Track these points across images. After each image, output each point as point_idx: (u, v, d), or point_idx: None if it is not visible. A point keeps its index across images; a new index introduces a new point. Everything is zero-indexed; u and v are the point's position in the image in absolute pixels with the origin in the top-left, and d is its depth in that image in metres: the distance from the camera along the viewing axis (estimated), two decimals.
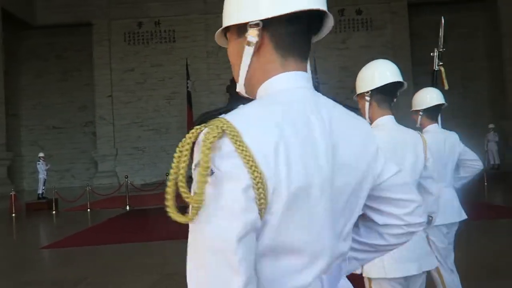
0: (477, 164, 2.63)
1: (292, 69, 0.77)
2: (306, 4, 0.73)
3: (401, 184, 0.87)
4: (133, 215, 9.46)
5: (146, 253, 5.38)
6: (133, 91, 19.88)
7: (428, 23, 21.30)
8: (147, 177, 19.49)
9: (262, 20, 0.73)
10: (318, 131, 0.72)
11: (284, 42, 0.76)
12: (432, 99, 2.58)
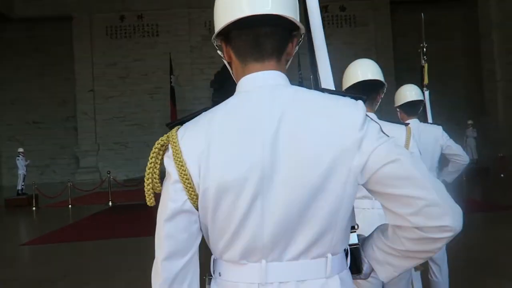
0: (461, 159, 2.64)
1: (254, 71, 0.86)
2: (240, 13, 0.81)
3: (402, 177, 0.78)
4: (116, 211, 9.37)
5: (129, 249, 5.34)
6: (116, 86, 19.61)
7: (410, 21, 21.60)
8: (130, 173, 19.30)
9: (218, 35, 0.87)
10: (261, 130, 0.80)
11: (240, 49, 0.86)
12: (406, 96, 2.68)
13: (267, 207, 0.80)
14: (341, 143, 0.79)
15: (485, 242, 4.57)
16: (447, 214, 0.77)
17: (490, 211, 6.62)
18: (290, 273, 0.81)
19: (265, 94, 0.83)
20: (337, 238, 0.83)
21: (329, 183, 0.79)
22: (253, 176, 0.79)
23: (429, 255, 0.84)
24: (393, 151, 0.80)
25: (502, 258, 3.92)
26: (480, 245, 4.42)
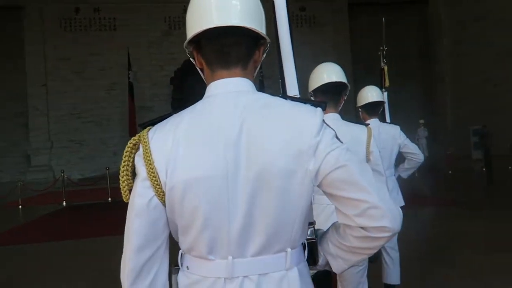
0: (417, 157, 2.81)
1: (221, 77, 0.93)
2: (209, 24, 0.88)
3: (348, 181, 0.85)
4: (70, 211, 9.03)
5: (82, 250, 5.16)
6: (71, 81, 18.82)
7: (367, 23, 22.31)
8: (86, 171, 18.62)
9: (190, 42, 0.94)
10: (225, 132, 0.86)
11: (209, 57, 0.94)
12: (368, 97, 2.81)
13: (232, 205, 0.85)
14: (299, 147, 0.86)
15: (435, 235, 4.83)
16: (386, 217, 0.85)
17: (439, 206, 7.00)
18: (254, 267, 0.88)
19: (230, 99, 0.90)
20: (296, 234, 0.90)
21: (288, 184, 0.86)
22: (217, 176, 0.85)
23: (372, 251, 0.92)
24: (343, 157, 0.86)
25: (449, 249, 4.16)
26: (429, 237, 4.67)
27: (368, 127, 1.96)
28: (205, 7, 0.90)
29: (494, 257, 3.86)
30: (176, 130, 0.88)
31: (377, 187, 0.87)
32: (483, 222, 5.38)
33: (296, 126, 0.87)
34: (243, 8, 0.91)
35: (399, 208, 0.90)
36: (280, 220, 0.87)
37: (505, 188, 9.44)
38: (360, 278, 1.97)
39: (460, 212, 6.25)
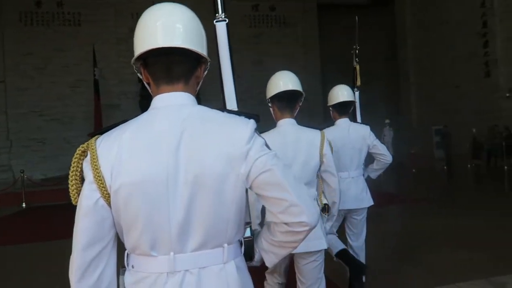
0: (385, 158, 2.83)
1: (165, 91, 1.03)
2: (155, 44, 0.99)
3: (272, 183, 0.98)
4: (30, 213, 8.65)
5: (42, 254, 4.95)
6: (32, 77, 18.06)
7: (335, 24, 22.70)
8: (48, 171, 17.93)
9: (137, 59, 1.04)
10: (166, 140, 0.96)
11: (155, 73, 1.04)
12: (339, 96, 2.80)
13: (172, 206, 0.95)
14: (232, 153, 0.97)
15: (399, 231, 4.96)
16: (304, 213, 0.98)
17: (403, 204, 7.20)
18: (194, 261, 0.97)
19: (172, 111, 1.00)
20: (232, 231, 1.00)
21: (223, 186, 0.96)
22: (158, 179, 0.94)
23: (295, 244, 1.05)
24: (270, 162, 0.98)
25: (414, 246, 4.27)
26: (394, 234, 4.79)
27: (321, 132, 2.07)
28: (151, 28, 1.01)
29: (457, 253, 4.00)
30: (121, 139, 0.97)
31: (297, 188, 1.00)
32: (445, 219, 5.58)
33: (230, 135, 0.99)
34: (186, 30, 1.02)
35: (316, 206, 1.05)
36: (216, 219, 0.97)
37: (465, 186, 9.85)
38: (317, 274, 2.02)
39: (424, 209, 6.45)
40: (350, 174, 2.77)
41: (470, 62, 16.10)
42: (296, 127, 2.04)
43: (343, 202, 2.57)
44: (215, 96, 2.12)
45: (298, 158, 1.95)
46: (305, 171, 1.96)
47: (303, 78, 10.92)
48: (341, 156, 2.71)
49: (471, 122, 15.30)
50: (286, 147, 1.94)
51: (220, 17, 1.42)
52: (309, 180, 1.99)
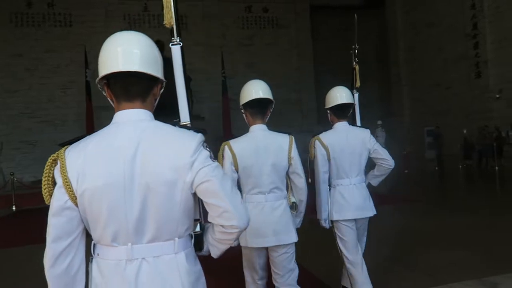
0: (386, 163, 2.60)
1: (124, 108, 1.20)
2: (115, 68, 1.16)
3: (211, 191, 1.16)
4: (20, 216, 8.54)
5: (31, 257, 4.88)
6: (22, 79, 17.88)
7: (328, 26, 22.78)
8: (39, 174, 17.65)
9: (101, 79, 1.20)
10: (124, 152, 1.13)
11: (116, 92, 1.20)
12: (337, 98, 2.62)
13: (128, 206, 1.13)
14: (179, 163, 1.14)
15: (391, 232, 4.97)
16: (235, 218, 1.17)
17: (395, 204, 7.23)
18: (149, 251, 1.16)
19: (130, 126, 1.17)
20: (181, 227, 1.19)
21: (172, 191, 1.14)
22: (116, 184, 1.13)
23: (230, 242, 1.25)
24: (210, 174, 1.16)
25: (405, 246, 4.29)
26: (386, 234, 4.79)
27: (290, 136, 2.23)
28: (113, 54, 1.17)
29: (449, 254, 4.02)
30: (86, 150, 1.15)
31: (232, 196, 1.18)
32: (437, 219, 5.61)
33: (178, 148, 1.15)
34: (142, 56, 1.18)
35: (246, 211, 1.20)
36: (166, 217, 1.15)
37: (456, 186, 9.93)
38: (288, 264, 2.18)
39: (416, 210, 6.48)
40: (352, 181, 2.57)
41: (460, 64, 16.26)
42: (266, 132, 2.21)
43: (346, 212, 2.53)
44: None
45: (268, 161, 2.12)
46: (275, 172, 2.14)
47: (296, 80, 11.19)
48: (340, 162, 2.56)
49: (462, 123, 15.43)
50: (257, 151, 2.13)
51: (175, 41, 1.61)
52: (279, 181, 2.17)
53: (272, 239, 2.11)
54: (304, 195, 2.23)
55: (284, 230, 2.13)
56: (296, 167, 2.18)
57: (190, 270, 1.20)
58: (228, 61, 19.41)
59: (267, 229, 2.09)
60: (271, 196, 2.14)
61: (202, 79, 19.84)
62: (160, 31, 19.35)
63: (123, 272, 1.14)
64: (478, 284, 3.12)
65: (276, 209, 2.14)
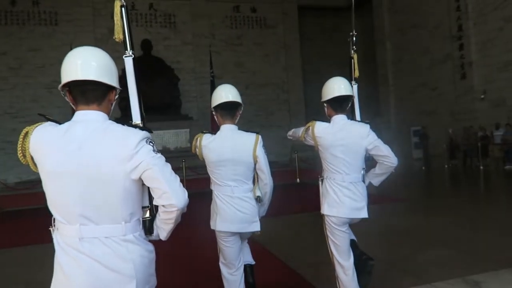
0: (388, 160, 2.42)
1: (82, 109, 1.40)
2: (74, 77, 1.37)
3: (152, 177, 1.36)
4: (3, 218, 8.38)
5: (15, 260, 4.79)
6: (6, 78, 17.56)
7: (316, 26, 22.87)
8: (23, 175, 17.42)
9: (62, 88, 1.42)
10: (74, 145, 1.33)
11: (75, 96, 1.41)
12: (334, 90, 2.44)
13: (73, 192, 1.32)
14: (121, 155, 1.33)
15: (374, 230, 5.01)
16: (172, 198, 1.36)
17: (380, 203, 7.29)
18: (98, 232, 1.34)
19: (83, 123, 1.38)
20: (124, 213, 1.37)
21: (112, 180, 1.33)
22: (65, 172, 1.32)
23: (172, 221, 1.43)
24: (151, 163, 1.35)
25: (388, 245, 4.32)
26: (368, 233, 4.83)
27: (256, 135, 2.39)
28: (74, 64, 1.38)
29: (432, 253, 4.06)
30: (45, 135, 1.35)
31: (170, 180, 1.37)
32: (422, 218, 5.67)
33: (122, 142, 1.35)
34: (98, 67, 1.40)
35: (184, 192, 1.39)
36: (106, 203, 1.34)
37: (442, 185, 10.06)
38: (245, 241, 2.55)
39: (400, 209, 6.54)
40: (345, 178, 2.42)
41: (446, 65, 16.47)
42: (234, 132, 2.41)
43: (337, 209, 2.44)
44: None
45: (237, 158, 2.33)
46: (239, 167, 2.34)
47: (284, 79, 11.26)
48: (336, 158, 2.41)
49: (448, 123, 15.63)
50: (225, 149, 2.34)
51: (128, 54, 1.78)
52: (245, 175, 2.37)
53: (237, 226, 2.36)
54: (268, 188, 2.41)
55: (252, 219, 2.38)
56: (261, 164, 2.36)
57: (138, 250, 1.39)
58: (217, 60, 19.35)
59: (233, 217, 2.33)
60: (237, 189, 2.35)
61: (190, 78, 19.74)
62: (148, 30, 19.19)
63: (78, 247, 1.32)
64: (462, 282, 3.15)
65: (242, 199, 2.34)
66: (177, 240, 2.79)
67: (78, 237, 1.31)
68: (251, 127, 12.94)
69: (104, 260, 1.32)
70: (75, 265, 1.31)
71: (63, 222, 1.34)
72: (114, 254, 1.33)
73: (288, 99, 21.16)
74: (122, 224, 1.35)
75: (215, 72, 18.82)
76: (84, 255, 1.31)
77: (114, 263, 1.33)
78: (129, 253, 1.35)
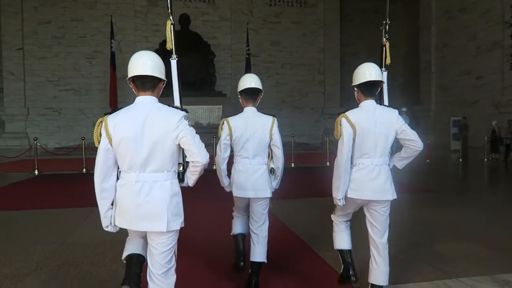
0: (414, 144, 2.52)
1: (140, 95, 2.04)
2: (137, 73, 2.01)
3: (186, 142, 1.95)
4: (41, 180, 8.79)
5: (49, 220, 5.01)
6: (49, 46, 18.17)
7: (356, 8, 22.06)
8: (63, 141, 18.19)
9: (128, 80, 2.07)
10: (138, 119, 1.96)
11: (137, 86, 2.04)
12: (366, 75, 2.53)
13: (140, 151, 1.94)
14: (169, 127, 1.95)
15: (403, 221, 4.86)
16: (198, 157, 1.94)
17: (412, 193, 7.07)
18: (150, 178, 1.97)
19: (143, 105, 2.01)
20: (169, 165, 1.99)
21: (164, 142, 1.95)
22: (133, 137, 1.95)
23: (197, 173, 2.03)
24: (187, 133, 1.94)
25: (416, 236, 4.18)
26: (397, 223, 4.69)
27: (273, 118, 2.83)
28: (136, 63, 2.02)
29: (461, 248, 3.90)
30: (117, 117, 1.99)
31: (198, 145, 1.95)
32: (453, 212, 5.45)
33: (169, 118, 1.97)
34: (153, 65, 2.02)
35: (207, 154, 1.95)
36: (159, 158, 1.96)
37: (479, 180, 9.63)
38: (263, 211, 2.88)
39: (432, 201, 6.32)
40: (374, 161, 2.51)
41: (494, 53, 15.53)
42: (255, 114, 2.85)
43: (362, 191, 2.52)
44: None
45: (255, 135, 2.78)
46: (260, 144, 2.80)
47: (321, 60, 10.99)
48: (364, 141, 2.50)
49: (491, 115, 14.85)
50: (247, 127, 2.78)
51: (174, 57, 2.37)
52: (263, 150, 2.82)
53: (252, 193, 2.80)
54: (280, 163, 2.84)
55: (262, 187, 2.80)
56: (275, 141, 2.80)
57: (173, 191, 2.00)
58: (254, 38, 19.14)
59: (248, 185, 2.78)
60: (254, 161, 2.80)
61: (226, 55, 19.68)
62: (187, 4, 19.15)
63: (133, 187, 1.96)
64: (490, 280, 3.01)
65: (257, 171, 2.80)
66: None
67: (135, 181, 1.95)
68: (284, 108, 13.17)
69: (150, 195, 1.94)
70: (129, 198, 1.95)
71: (127, 171, 1.97)
72: (156, 193, 1.95)
73: (324, 81, 20.73)
74: (165, 172, 1.97)
75: (251, 50, 18.64)
76: (137, 191, 1.94)
77: (155, 199, 1.95)
78: (165, 193, 1.96)
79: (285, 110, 19.55)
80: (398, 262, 3.41)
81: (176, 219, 1.98)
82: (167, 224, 1.93)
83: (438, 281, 3.00)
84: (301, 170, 10.37)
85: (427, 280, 3.03)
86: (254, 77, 2.90)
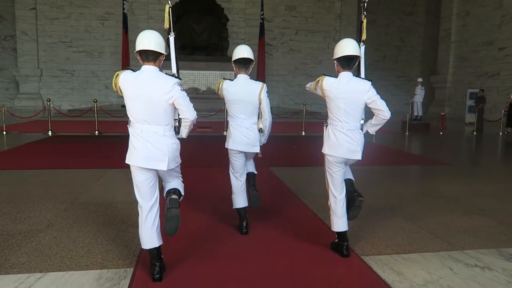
0: (383, 114, 2.86)
1: (145, 64, 2.49)
2: (142, 47, 2.46)
3: (179, 104, 2.43)
4: (54, 141, 8.93)
5: (62, 180, 5.12)
6: (62, 7, 17.96)
7: None
8: (76, 103, 18.34)
9: (136, 53, 2.52)
10: (140, 82, 2.43)
11: (142, 57, 2.50)
12: (344, 50, 2.86)
13: (141, 107, 2.42)
14: (164, 90, 2.41)
15: (412, 191, 4.84)
16: (187, 114, 2.47)
17: (422, 165, 7.00)
18: (151, 129, 2.45)
19: (146, 72, 2.45)
20: (165, 120, 2.46)
21: (160, 102, 2.41)
22: (136, 96, 2.43)
23: (188, 128, 2.55)
24: (179, 95, 2.42)
25: (424, 207, 4.17)
26: (406, 193, 4.68)
27: (262, 84, 3.20)
28: (142, 40, 2.43)
29: (468, 220, 3.88)
30: (126, 76, 2.44)
31: (188, 106, 2.45)
32: (463, 184, 5.40)
33: (165, 83, 2.41)
34: (155, 42, 2.44)
35: (194, 112, 2.49)
36: (157, 114, 2.42)
37: (492, 154, 9.49)
38: (251, 158, 3.46)
39: (442, 173, 6.26)
40: (345, 126, 2.90)
41: None
42: (247, 80, 3.22)
43: (336, 149, 2.94)
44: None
45: (246, 99, 3.16)
46: (250, 107, 3.18)
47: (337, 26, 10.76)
48: (338, 108, 2.88)
49: (510, 88, 14.43)
50: (238, 92, 3.17)
51: (171, 35, 2.71)
52: (253, 112, 3.21)
53: (244, 147, 3.24)
54: (267, 123, 3.25)
55: (254, 143, 3.24)
56: (264, 105, 3.19)
57: (170, 141, 2.49)
58: (268, 2, 18.61)
59: (242, 140, 3.22)
60: (246, 121, 3.21)
61: (240, 20, 19.25)
62: None
63: (141, 134, 2.45)
64: (496, 254, 3.01)
65: (248, 129, 3.21)
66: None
67: (141, 130, 2.44)
68: (297, 75, 13.03)
69: (153, 142, 2.44)
70: (139, 143, 2.45)
71: (134, 122, 2.45)
72: (158, 140, 2.44)
73: None
74: (163, 126, 2.46)
75: (265, 14, 18.18)
76: (144, 139, 2.44)
77: (158, 144, 2.44)
78: (165, 141, 2.46)
79: (297, 77, 19.24)
80: (404, 232, 3.42)
81: (175, 159, 2.55)
82: (167, 164, 2.48)
83: (443, 252, 3.01)
84: (311, 139, 10.32)
85: (432, 251, 3.04)
86: (247, 48, 3.28)
